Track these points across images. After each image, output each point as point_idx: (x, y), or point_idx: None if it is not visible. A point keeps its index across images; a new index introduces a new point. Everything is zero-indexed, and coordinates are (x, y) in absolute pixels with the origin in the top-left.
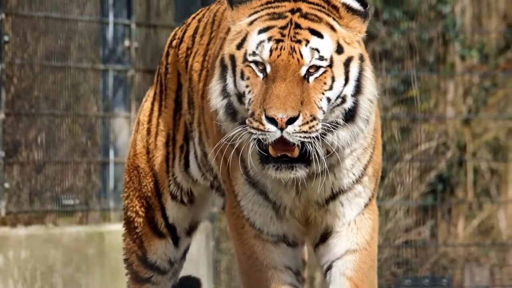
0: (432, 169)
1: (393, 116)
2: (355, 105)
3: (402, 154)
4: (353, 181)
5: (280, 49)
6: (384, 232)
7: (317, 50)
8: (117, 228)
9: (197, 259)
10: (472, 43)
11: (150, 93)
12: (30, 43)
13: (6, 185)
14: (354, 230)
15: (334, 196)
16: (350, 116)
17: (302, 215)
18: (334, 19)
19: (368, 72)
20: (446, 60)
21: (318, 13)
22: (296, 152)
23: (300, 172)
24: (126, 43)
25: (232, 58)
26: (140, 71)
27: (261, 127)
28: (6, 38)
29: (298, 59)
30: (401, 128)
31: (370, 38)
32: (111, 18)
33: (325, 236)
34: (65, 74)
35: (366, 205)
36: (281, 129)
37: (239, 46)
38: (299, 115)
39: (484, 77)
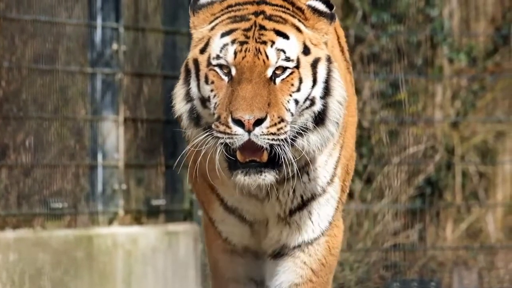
0: (420, 172)
1: (381, 119)
2: (325, 107)
3: (390, 157)
4: (327, 182)
5: (245, 51)
6: (372, 235)
7: (283, 51)
8: (105, 231)
9: (186, 262)
10: (460, 46)
11: None
12: (18, 46)
13: None
14: (306, 257)
15: (303, 204)
16: (320, 119)
17: (263, 226)
18: (299, 20)
19: (337, 74)
20: (434, 63)
21: (283, 15)
22: (265, 157)
23: (269, 177)
24: (114, 46)
25: (196, 62)
26: (128, 75)
27: (227, 130)
28: None
29: (263, 60)
30: (389, 131)
31: (358, 41)
32: (99, 21)
33: (276, 255)
34: (53, 77)
35: (332, 218)
36: (249, 132)
37: (202, 51)
38: (266, 116)
39: (472, 80)
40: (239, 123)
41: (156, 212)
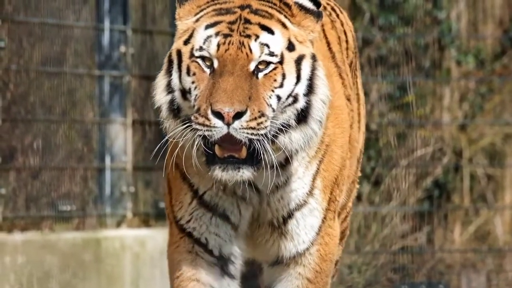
0: (428, 175)
1: (389, 122)
2: (308, 105)
3: (398, 159)
4: (306, 193)
5: (228, 44)
6: (380, 238)
7: (267, 45)
8: (113, 234)
9: None
10: (468, 49)
11: None
12: (26, 49)
13: (2, 190)
14: (300, 268)
15: (290, 214)
16: (302, 116)
17: (253, 237)
18: (285, 16)
19: (321, 72)
20: (442, 66)
21: (269, 10)
22: (244, 153)
23: (247, 174)
24: (122, 49)
25: (179, 53)
26: (136, 77)
27: (206, 122)
28: (2, 44)
29: (247, 54)
30: (397, 134)
31: (365, 43)
32: (107, 24)
33: (273, 263)
34: (61, 80)
35: (319, 229)
36: (228, 125)
37: (186, 42)
38: (246, 110)
39: (480, 83)
40: (218, 115)
41: (164, 214)
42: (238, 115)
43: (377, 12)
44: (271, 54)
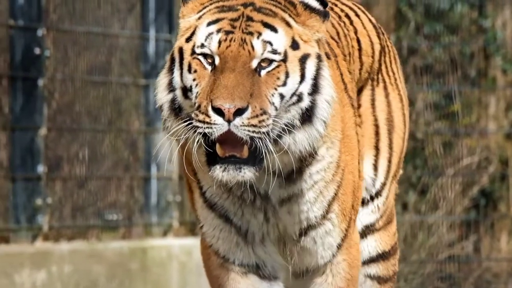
0: (474, 183)
1: (435, 131)
2: (313, 105)
3: (445, 169)
4: (319, 216)
5: (230, 41)
6: (427, 247)
7: (270, 43)
8: (160, 243)
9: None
10: None
11: None
12: (71, 58)
13: (49, 200)
14: (329, 279)
15: (305, 231)
16: (307, 116)
17: (277, 245)
18: (290, 15)
19: (326, 72)
20: (487, 74)
21: (273, 8)
22: (245, 153)
23: (249, 174)
24: (168, 58)
25: (181, 50)
26: None
27: (207, 119)
28: (47, 53)
29: (249, 51)
30: (443, 143)
31: (411, 52)
32: (152, 33)
33: (303, 274)
34: (107, 89)
35: (339, 246)
36: (228, 122)
37: (188, 40)
38: (247, 106)
39: None
40: (219, 112)
41: None
42: (239, 112)
43: (422, 20)
44: (274, 51)
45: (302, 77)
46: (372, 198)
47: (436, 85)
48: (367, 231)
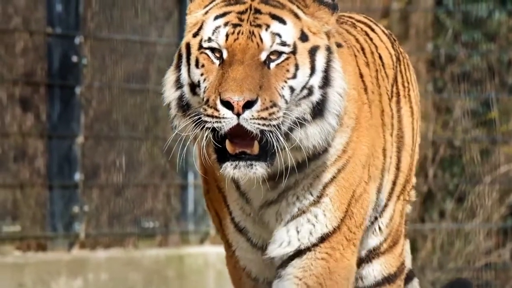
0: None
1: (472, 138)
2: (324, 98)
3: (482, 176)
4: (309, 202)
5: (238, 34)
6: (464, 254)
7: (279, 35)
8: (196, 250)
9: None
10: None
11: None
12: (109, 66)
13: (86, 208)
14: (300, 272)
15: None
16: (318, 110)
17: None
18: (298, 7)
19: (337, 64)
20: None
21: (281, 0)
22: (256, 148)
23: (260, 170)
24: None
25: (188, 46)
26: None
27: (215, 113)
28: (84, 61)
29: (257, 43)
30: (480, 151)
31: (449, 60)
32: None
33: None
34: (144, 97)
35: (322, 239)
36: (238, 115)
37: (195, 35)
38: (257, 99)
39: None
40: (227, 105)
41: None
42: (248, 105)
43: (460, 28)
44: (283, 43)
45: (312, 69)
46: (374, 220)
47: (474, 93)
48: (371, 255)
